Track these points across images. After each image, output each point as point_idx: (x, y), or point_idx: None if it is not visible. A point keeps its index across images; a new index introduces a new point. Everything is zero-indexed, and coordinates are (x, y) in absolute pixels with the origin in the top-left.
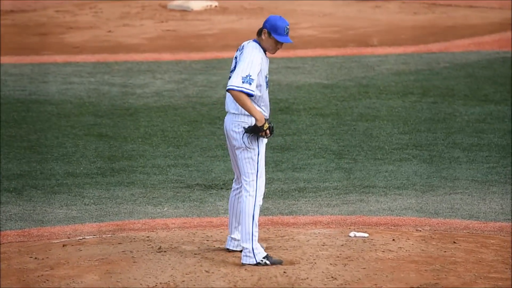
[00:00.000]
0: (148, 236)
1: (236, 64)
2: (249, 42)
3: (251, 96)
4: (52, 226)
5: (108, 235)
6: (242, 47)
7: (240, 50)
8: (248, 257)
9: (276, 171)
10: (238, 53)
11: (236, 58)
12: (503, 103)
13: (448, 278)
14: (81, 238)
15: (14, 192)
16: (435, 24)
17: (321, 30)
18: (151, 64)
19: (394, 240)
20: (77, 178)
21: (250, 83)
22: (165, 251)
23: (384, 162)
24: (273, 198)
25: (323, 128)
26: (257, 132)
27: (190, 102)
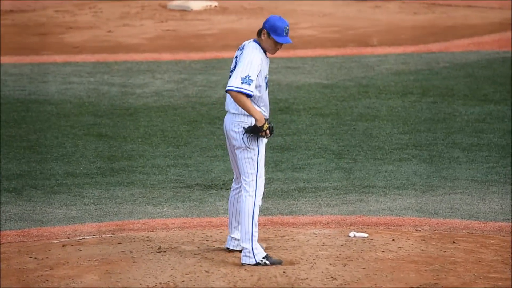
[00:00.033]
0: (147, 236)
1: (236, 64)
2: (249, 42)
3: (250, 97)
4: (52, 226)
5: (108, 235)
6: (242, 47)
7: (240, 49)
8: (248, 257)
9: (276, 171)
10: (239, 52)
11: (236, 57)
12: (502, 103)
13: (447, 278)
14: (80, 238)
15: (13, 192)
16: (435, 24)
17: (321, 30)
18: (151, 64)
19: (393, 240)
20: (76, 178)
21: (249, 84)
22: (164, 251)
23: (384, 162)
24: (272, 198)
25: (322, 128)
26: (257, 132)
27: (189, 102)
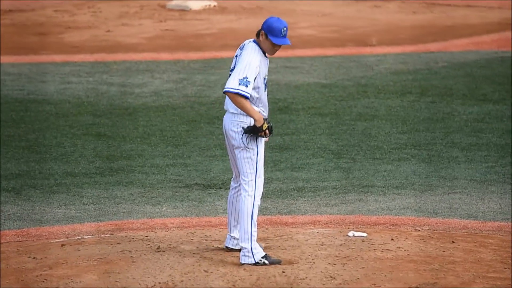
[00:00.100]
0: (146, 236)
1: (236, 64)
2: (249, 42)
3: (247, 98)
4: (51, 225)
5: (107, 235)
6: (243, 46)
7: (241, 48)
8: (247, 256)
9: (275, 170)
10: (239, 51)
11: (236, 56)
12: (501, 102)
13: (446, 278)
14: (79, 237)
15: (12, 191)
16: (434, 23)
17: (320, 30)
18: (150, 64)
19: (392, 239)
20: (75, 177)
21: (247, 86)
22: (163, 251)
23: (383, 161)
24: (271, 197)
25: (321, 128)
26: (256, 133)
27: (188, 101)
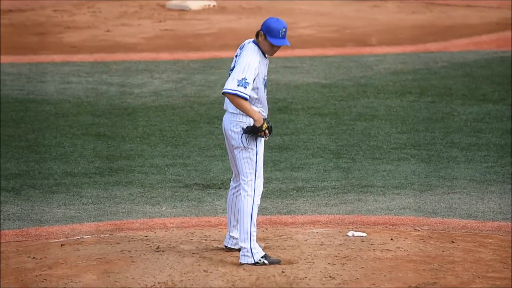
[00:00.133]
0: (146, 236)
1: (235, 64)
2: (249, 42)
3: (246, 100)
4: (50, 225)
5: (106, 235)
6: (243, 46)
7: (241, 48)
8: (246, 256)
9: (275, 170)
10: (239, 51)
11: (236, 56)
12: (501, 102)
13: (446, 278)
14: (79, 237)
15: (12, 191)
16: (434, 23)
17: (319, 30)
18: (149, 64)
19: (392, 239)
20: (75, 177)
21: (245, 87)
22: (163, 251)
23: (382, 161)
24: (271, 197)
25: (321, 128)
26: (256, 133)
27: (188, 101)
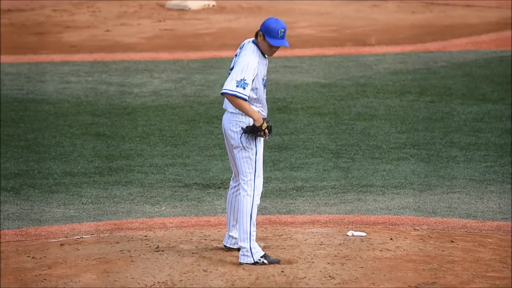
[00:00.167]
0: (146, 235)
1: (234, 64)
2: (249, 42)
3: (245, 100)
4: (50, 225)
5: (106, 234)
6: (242, 45)
7: (240, 48)
8: (246, 256)
9: (274, 170)
10: (239, 51)
11: (236, 56)
12: (500, 102)
13: (445, 277)
14: (78, 237)
15: (12, 191)
16: (433, 23)
17: (319, 29)
18: (149, 63)
19: (391, 239)
20: (74, 177)
21: (244, 88)
22: (163, 250)
23: (382, 161)
24: (271, 197)
25: (320, 127)
26: (255, 132)
27: (187, 101)
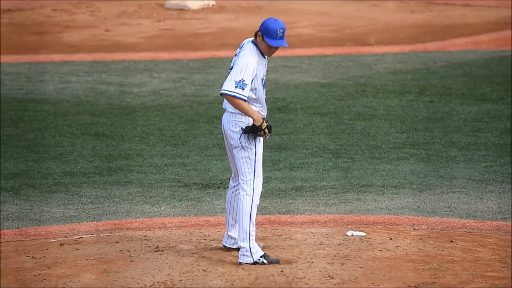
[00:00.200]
0: (145, 235)
1: (233, 64)
2: (248, 42)
3: (244, 101)
4: (49, 225)
5: (106, 234)
6: (242, 45)
7: (240, 48)
8: (246, 256)
9: (274, 170)
10: (239, 51)
11: (236, 55)
12: (500, 102)
13: (445, 277)
14: (78, 237)
15: (11, 191)
16: (433, 23)
17: (318, 29)
18: (148, 63)
19: (391, 239)
20: (74, 177)
21: (243, 88)
22: (162, 250)
23: (382, 161)
24: (270, 197)
25: (320, 127)
26: (255, 132)
27: (187, 101)
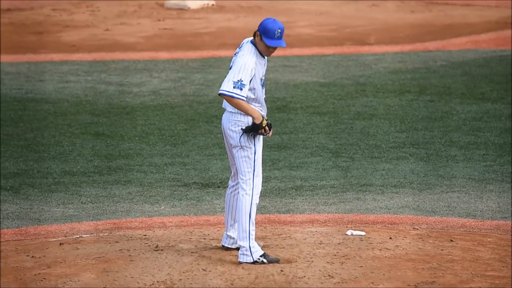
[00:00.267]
0: (145, 235)
1: (232, 64)
2: (247, 42)
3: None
4: (49, 224)
5: (105, 234)
6: (241, 45)
7: (240, 47)
8: (245, 255)
9: (273, 169)
10: (238, 50)
11: (235, 55)
12: (500, 101)
13: (445, 276)
14: (78, 236)
15: (11, 190)
16: (433, 22)
17: (318, 29)
18: (148, 63)
19: (391, 238)
20: (74, 176)
21: (241, 89)
22: (162, 250)
23: (381, 160)
24: (270, 196)
25: (320, 127)
26: (256, 130)
27: (187, 100)
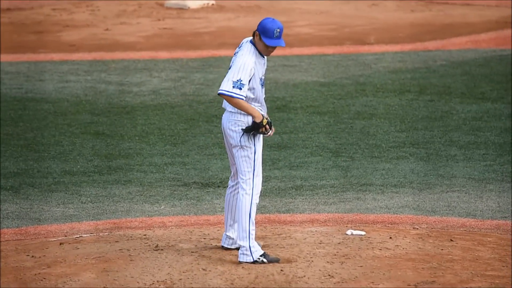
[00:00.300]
0: (145, 234)
1: (231, 64)
2: (247, 42)
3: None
4: (49, 224)
5: (105, 233)
6: (241, 45)
7: (240, 47)
8: (245, 255)
9: (273, 169)
10: (238, 50)
11: (235, 54)
12: (500, 101)
13: (445, 276)
14: (78, 236)
15: (11, 190)
16: (432, 22)
17: (317, 28)
18: (148, 62)
19: (391, 238)
20: (74, 176)
21: (241, 88)
22: (162, 249)
23: (381, 160)
24: (270, 196)
25: (320, 126)
26: (257, 129)
27: (187, 100)
